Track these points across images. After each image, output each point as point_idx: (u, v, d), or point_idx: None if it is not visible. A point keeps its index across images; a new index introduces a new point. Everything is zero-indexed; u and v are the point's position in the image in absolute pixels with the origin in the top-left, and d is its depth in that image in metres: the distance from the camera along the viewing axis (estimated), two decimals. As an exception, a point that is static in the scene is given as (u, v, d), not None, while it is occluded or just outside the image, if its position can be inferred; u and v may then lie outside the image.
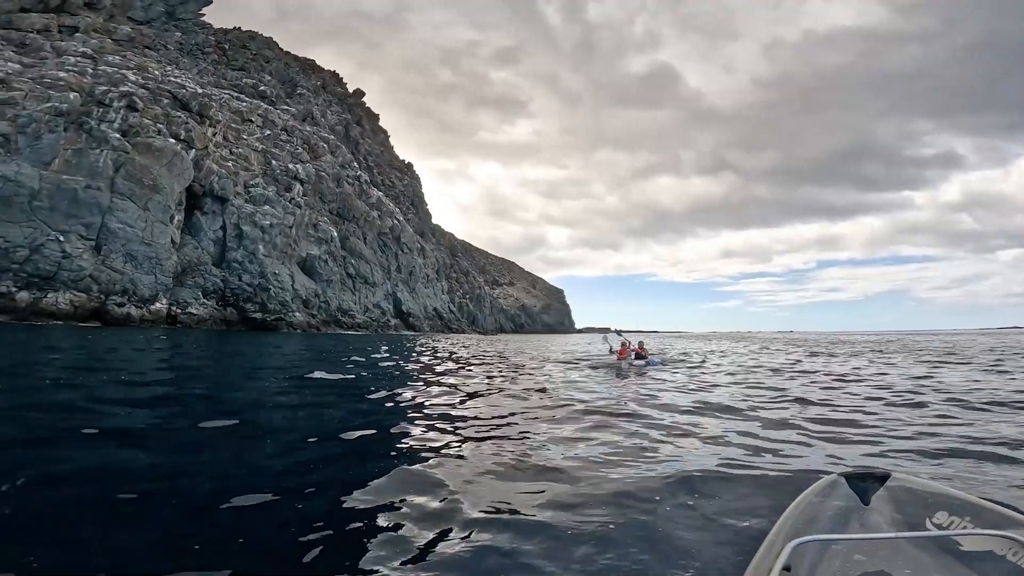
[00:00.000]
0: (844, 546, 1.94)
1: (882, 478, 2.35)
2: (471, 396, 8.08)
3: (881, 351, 24.54)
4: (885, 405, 7.24)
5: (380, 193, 79.64)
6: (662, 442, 4.88)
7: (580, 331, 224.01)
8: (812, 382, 10.58)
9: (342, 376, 10.42)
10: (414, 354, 20.32)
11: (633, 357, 16.39)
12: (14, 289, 28.48)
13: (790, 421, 5.92)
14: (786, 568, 1.66)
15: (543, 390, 8.90)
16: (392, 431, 5.26)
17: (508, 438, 5.00)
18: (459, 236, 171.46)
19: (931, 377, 11.21)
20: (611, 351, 17.15)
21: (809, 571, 1.80)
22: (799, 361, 18.20)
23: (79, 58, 46.63)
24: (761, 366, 15.71)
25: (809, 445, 4.80)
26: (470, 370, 13.38)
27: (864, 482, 2.36)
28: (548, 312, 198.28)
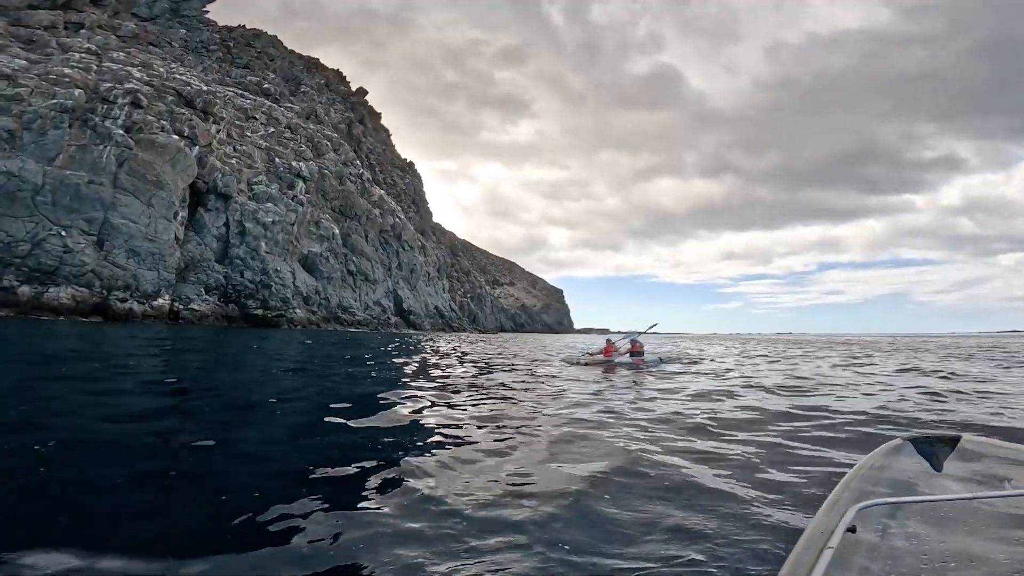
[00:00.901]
0: (914, 510, 1.80)
1: (952, 441, 2.19)
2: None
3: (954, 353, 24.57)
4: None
5: (382, 191, 79.84)
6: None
7: (579, 331, 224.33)
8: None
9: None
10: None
11: (627, 355, 15.38)
12: (16, 283, 28.69)
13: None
14: (850, 530, 1.57)
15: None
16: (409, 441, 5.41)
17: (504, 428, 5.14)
18: (460, 236, 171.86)
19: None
20: (593, 354, 16.03)
21: (876, 534, 1.67)
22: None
23: (84, 55, 46.84)
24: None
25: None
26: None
27: (932, 446, 2.19)
28: (548, 312, 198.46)
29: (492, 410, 6.45)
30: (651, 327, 18.20)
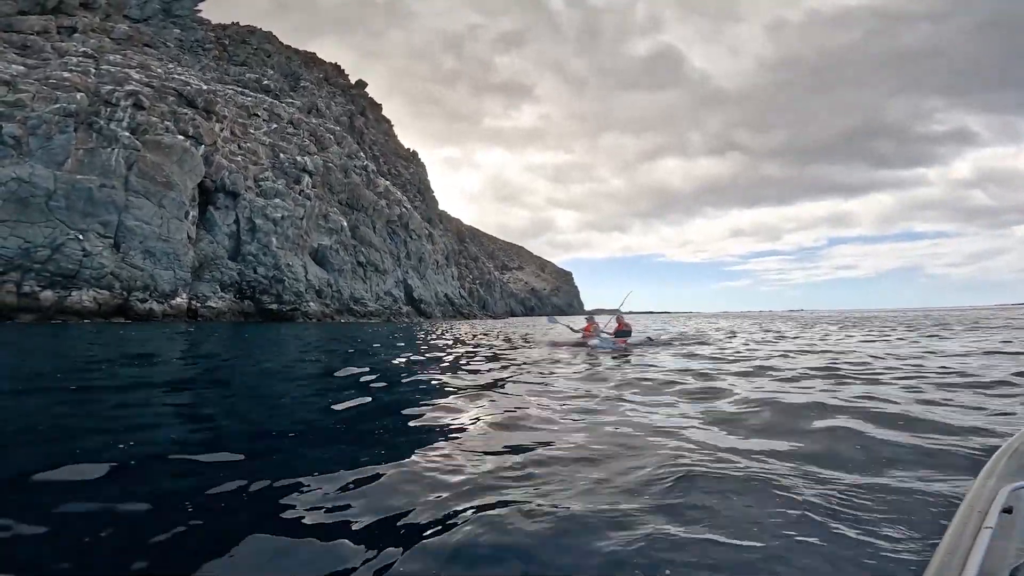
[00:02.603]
0: None
1: None
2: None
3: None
4: None
5: (387, 182, 79.50)
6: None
7: (590, 312, 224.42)
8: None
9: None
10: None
11: (612, 334, 13.63)
12: (38, 288, 28.75)
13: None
14: (1006, 510, 1.54)
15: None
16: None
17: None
18: (467, 222, 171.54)
19: None
20: (574, 330, 14.55)
21: None
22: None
23: (81, 58, 46.49)
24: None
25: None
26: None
27: None
28: (557, 295, 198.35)
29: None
30: (624, 298, 15.61)
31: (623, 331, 13.56)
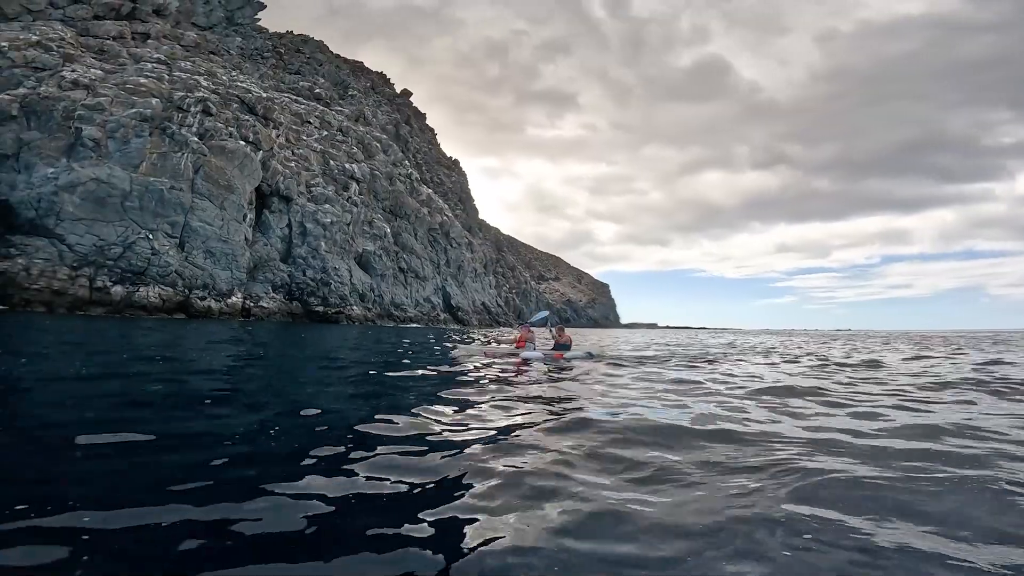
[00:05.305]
0: None
1: None
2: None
3: None
4: None
5: (429, 190, 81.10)
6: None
7: (625, 326, 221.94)
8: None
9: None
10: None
11: (550, 347, 12.55)
12: (109, 284, 30.65)
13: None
14: None
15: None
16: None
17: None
18: (505, 232, 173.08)
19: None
20: (500, 344, 13.12)
21: None
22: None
23: (155, 64, 49.34)
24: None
25: None
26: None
27: None
28: (593, 307, 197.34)
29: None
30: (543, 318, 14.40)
31: (562, 344, 12.42)
